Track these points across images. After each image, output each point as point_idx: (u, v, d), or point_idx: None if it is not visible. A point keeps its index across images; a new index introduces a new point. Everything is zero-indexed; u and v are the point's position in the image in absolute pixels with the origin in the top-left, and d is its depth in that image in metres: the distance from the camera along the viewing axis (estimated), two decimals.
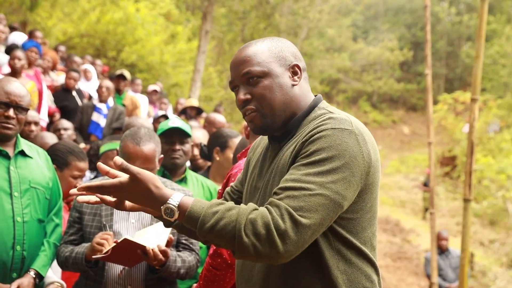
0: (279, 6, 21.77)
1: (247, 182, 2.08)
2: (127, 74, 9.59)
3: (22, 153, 3.02)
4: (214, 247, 2.56)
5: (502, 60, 26.50)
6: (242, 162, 2.70)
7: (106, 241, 2.78)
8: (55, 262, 3.14)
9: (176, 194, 1.71)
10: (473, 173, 5.12)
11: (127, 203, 1.89)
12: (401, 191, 21.20)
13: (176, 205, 1.69)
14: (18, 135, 3.04)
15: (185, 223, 1.69)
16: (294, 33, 23.91)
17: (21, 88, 2.97)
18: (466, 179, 5.12)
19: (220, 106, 13.75)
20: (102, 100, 7.88)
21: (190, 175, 3.89)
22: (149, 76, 17.55)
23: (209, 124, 5.88)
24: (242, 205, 1.69)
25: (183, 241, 3.09)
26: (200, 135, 4.78)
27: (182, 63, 19.47)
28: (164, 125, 3.77)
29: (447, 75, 35.00)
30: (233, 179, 2.62)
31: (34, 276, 2.91)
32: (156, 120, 7.51)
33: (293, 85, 1.92)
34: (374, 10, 37.63)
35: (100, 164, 1.74)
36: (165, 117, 7.66)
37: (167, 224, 1.77)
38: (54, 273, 3.21)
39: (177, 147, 3.73)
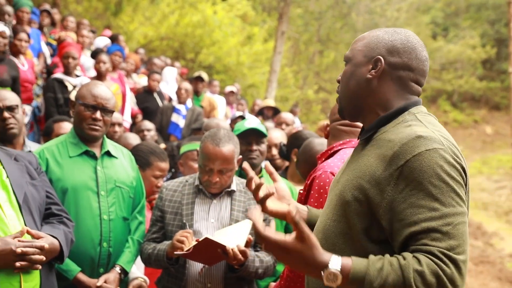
0: (356, 5, 21.53)
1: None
2: (204, 75, 9.77)
3: (108, 154, 3.16)
4: None
5: None
6: (326, 164, 2.66)
7: (186, 239, 2.85)
8: (138, 259, 3.26)
9: (334, 258, 1.64)
10: None
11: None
12: (483, 193, 20.44)
13: (339, 269, 1.62)
14: (104, 136, 3.18)
15: (349, 285, 1.63)
16: None
17: (107, 91, 3.12)
18: None
19: (296, 106, 13.74)
20: (181, 101, 8.07)
21: (266, 174, 3.92)
22: (226, 77, 17.79)
23: (278, 124, 5.90)
24: (402, 256, 1.63)
25: None
26: (278, 135, 4.80)
27: (258, 64, 19.60)
28: (241, 126, 3.82)
29: None
30: (317, 181, 2.60)
31: (119, 271, 3.05)
32: (234, 121, 7.63)
33: (368, 78, 1.87)
34: (455, 7, 36.40)
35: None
36: (242, 117, 7.76)
37: None
38: (137, 269, 3.33)
39: (254, 147, 3.77)
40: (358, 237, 1.76)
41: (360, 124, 2.73)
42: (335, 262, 1.63)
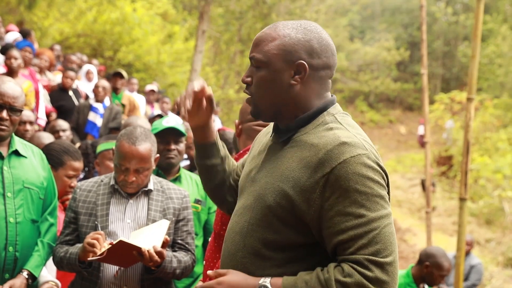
0: (276, 6, 21.75)
1: (247, 165, 2.04)
2: (124, 73, 9.58)
3: (16, 153, 3.00)
4: None
5: (498, 60, 26.49)
6: None
7: (97, 241, 2.76)
8: (50, 262, 3.13)
9: (263, 278, 1.75)
10: (469, 172, 5.13)
11: None
12: (398, 190, 21.20)
13: (268, 281, 1.72)
14: (13, 135, 3.02)
15: None
16: None
17: (15, 88, 2.95)
18: (462, 178, 5.13)
19: (217, 106, 13.76)
20: (98, 99, 7.87)
21: (184, 174, 3.89)
22: (146, 76, 17.52)
23: None
24: (326, 269, 1.69)
25: (179, 241, 3.09)
26: None
27: (179, 63, 19.45)
28: (158, 125, 3.76)
29: (444, 75, 35.02)
30: None
31: (26, 276, 2.89)
32: (152, 120, 7.51)
33: (292, 84, 1.81)
34: (371, 10, 37.60)
35: None
36: (161, 116, 7.66)
37: None
38: (49, 272, 3.20)
39: (172, 146, 3.73)
40: (283, 242, 1.77)
41: None
42: (266, 279, 1.72)
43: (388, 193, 1.78)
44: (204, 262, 2.75)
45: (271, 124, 2.08)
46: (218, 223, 2.65)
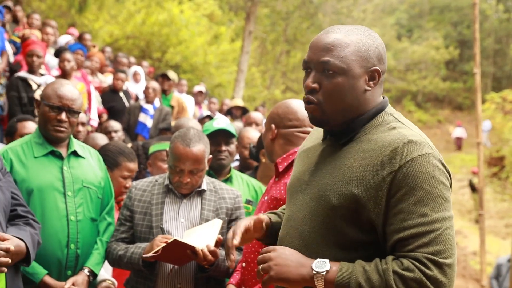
0: (323, 6, 21.68)
1: (296, 171, 2.03)
2: (170, 74, 9.70)
3: (75, 154, 3.09)
4: None
5: None
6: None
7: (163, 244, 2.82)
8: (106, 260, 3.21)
9: (319, 259, 1.75)
10: None
11: None
12: None
13: (326, 260, 1.73)
14: (71, 136, 3.11)
15: (338, 282, 1.69)
16: None
17: (74, 91, 3.04)
18: None
19: (263, 106, 13.80)
20: (148, 101, 8.00)
21: (235, 174, 3.91)
22: (193, 76, 17.70)
23: (248, 123, 5.90)
24: (385, 260, 1.68)
25: None
26: (254, 135, 4.76)
27: (226, 64, 19.57)
28: (209, 126, 3.80)
29: (495, 74, 34.13)
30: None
31: (88, 274, 2.98)
32: (201, 121, 7.59)
33: (366, 90, 1.81)
34: (419, 9, 36.97)
35: None
36: (210, 117, 7.73)
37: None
38: (105, 271, 3.28)
39: (223, 148, 3.76)
40: (346, 243, 1.76)
41: None
42: (322, 261, 1.72)
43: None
44: (245, 264, 2.76)
45: (317, 130, 2.07)
46: None
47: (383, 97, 1.90)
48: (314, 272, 1.70)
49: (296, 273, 1.73)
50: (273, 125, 2.81)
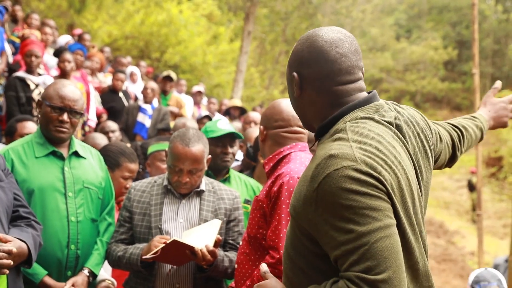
0: (322, 6, 21.69)
1: None
2: (173, 75, 9.73)
3: (76, 154, 3.10)
4: (278, 256, 2.53)
5: None
6: (290, 170, 2.64)
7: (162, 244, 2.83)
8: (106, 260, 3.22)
9: None
10: None
11: None
12: (445, 192, 20.84)
13: None
14: (72, 136, 3.12)
15: None
16: None
17: (75, 91, 3.05)
18: None
19: (261, 106, 13.82)
20: (147, 101, 8.02)
21: (233, 174, 3.93)
22: (191, 77, 17.71)
23: (246, 123, 5.92)
24: (324, 284, 1.65)
25: (230, 241, 3.13)
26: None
27: (224, 64, 19.58)
28: (215, 128, 3.80)
29: (493, 74, 34.15)
30: (285, 187, 2.58)
31: (88, 274, 3.00)
32: (199, 121, 7.60)
33: (297, 95, 1.83)
34: (418, 9, 37.00)
35: None
36: (208, 117, 7.74)
37: None
38: (105, 271, 3.29)
39: (230, 150, 3.78)
40: (304, 251, 1.74)
41: (304, 131, 2.80)
42: None
43: (403, 199, 1.68)
44: (236, 265, 2.78)
45: None
46: (254, 227, 2.67)
47: (355, 100, 1.79)
48: None
49: None
50: (261, 127, 2.83)
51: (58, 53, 7.50)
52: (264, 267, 1.83)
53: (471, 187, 16.64)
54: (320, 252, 1.68)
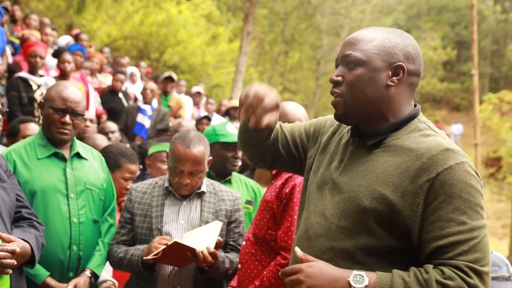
0: (321, 6, 21.71)
1: (315, 162, 2.03)
2: (174, 76, 9.74)
3: (78, 155, 3.10)
4: (289, 257, 2.55)
5: None
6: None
7: (163, 245, 2.84)
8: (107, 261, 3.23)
9: (356, 271, 1.72)
10: None
11: None
12: None
13: (363, 273, 1.70)
14: (74, 138, 3.12)
15: None
16: (335, 33, 23.82)
17: (77, 93, 3.05)
18: None
19: None
20: (146, 101, 8.03)
21: (234, 176, 3.93)
22: (191, 77, 17.71)
23: None
24: (424, 269, 1.68)
25: (231, 243, 3.14)
26: None
27: (224, 64, 19.58)
28: (227, 133, 3.80)
29: (492, 74, 34.20)
30: (298, 189, 2.59)
31: (90, 275, 3.00)
32: (199, 121, 7.60)
33: (388, 85, 1.82)
34: (417, 9, 37.03)
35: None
36: (208, 118, 7.74)
37: None
38: (106, 272, 3.30)
39: (239, 154, 3.79)
40: (376, 247, 1.76)
41: None
42: (359, 275, 1.70)
43: None
44: (240, 265, 2.78)
45: (330, 126, 2.08)
46: (263, 228, 2.68)
47: (415, 105, 1.91)
48: (352, 287, 1.69)
49: (330, 287, 1.71)
50: None
51: (57, 54, 7.51)
52: (299, 251, 1.83)
53: None
54: (397, 246, 1.75)
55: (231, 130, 3.79)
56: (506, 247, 11.03)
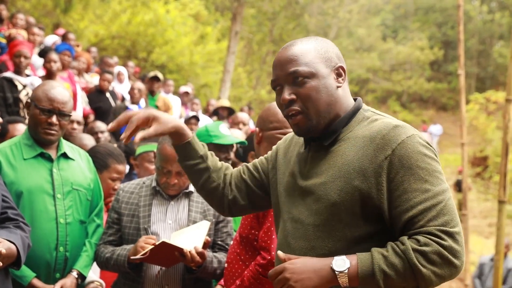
0: (309, 6, 21.76)
1: (279, 178, 2.08)
2: (160, 75, 9.70)
3: (65, 156, 3.08)
4: (269, 257, 2.54)
5: None
6: None
7: (149, 245, 2.83)
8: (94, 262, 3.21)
9: (336, 257, 1.76)
10: (508, 174, 5.06)
11: None
12: None
13: (343, 256, 1.74)
14: (61, 138, 3.10)
15: (361, 275, 1.71)
16: (323, 33, 23.90)
17: (64, 93, 3.02)
18: (500, 181, 5.06)
19: (249, 107, 13.84)
20: (134, 101, 8.00)
21: None
22: (179, 77, 17.68)
23: (235, 124, 5.93)
24: (400, 242, 1.73)
25: (219, 242, 3.13)
26: (239, 136, 4.77)
27: (212, 64, 19.57)
28: (221, 134, 3.78)
29: (479, 74, 34.46)
30: None
31: (76, 276, 2.98)
32: (187, 121, 7.59)
33: (338, 87, 1.92)
34: (404, 9, 37.20)
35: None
36: (196, 118, 7.74)
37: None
38: (93, 273, 3.28)
39: (231, 156, 3.78)
40: (352, 237, 1.81)
41: None
42: (340, 259, 1.74)
43: None
44: (226, 264, 2.79)
45: (284, 142, 2.17)
46: (247, 227, 2.69)
47: (355, 99, 2.00)
48: (336, 272, 1.73)
49: (317, 278, 1.75)
50: (257, 129, 2.85)
51: (43, 53, 7.46)
52: (281, 253, 1.86)
53: (460, 187, 16.75)
54: (372, 231, 1.81)
55: (224, 132, 3.78)
56: (492, 245, 11.09)
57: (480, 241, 14.29)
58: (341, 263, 1.73)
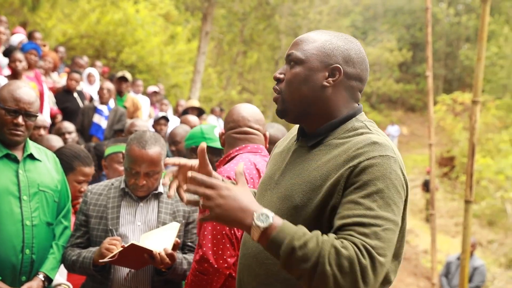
0: (279, 7, 21.81)
1: (268, 170, 2.07)
2: (128, 75, 9.60)
3: (31, 156, 3.03)
4: (201, 253, 2.58)
5: (500, 61, 26.50)
6: (222, 170, 2.73)
7: (115, 246, 2.80)
8: (61, 264, 3.16)
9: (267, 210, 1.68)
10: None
11: None
12: None
13: (271, 215, 1.65)
14: (27, 139, 3.04)
15: (272, 240, 1.63)
16: (293, 34, 23.95)
17: (30, 93, 2.97)
18: (467, 181, 5.13)
19: (220, 108, 13.82)
20: (103, 101, 7.90)
21: None
22: (149, 77, 17.55)
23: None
24: (326, 235, 1.66)
25: (189, 244, 3.12)
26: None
27: (182, 64, 19.48)
28: (215, 138, 3.76)
29: (446, 76, 35.02)
30: None
31: (43, 279, 2.93)
32: (157, 122, 7.53)
33: (324, 85, 1.86)
34: (373, 11, 37.61)
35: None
36: (165, 118, 7.68)
37: (253, 235, 1.66)
38: (60, 275, 3.23)
39: (215, 159, 3.76)
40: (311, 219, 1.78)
41: (256, 132, 2.86)
42: (266, 215, 1.65)
43: (405, 208, 1.78)
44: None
45: (293, 130, 2.14)
46: (198, 224, 2.75)
47: (358, 104, 1.95)
48: (253, 223, 1.64)
49: (236, 216, 1.65)
50: (222, 130, 2.90)
51: (8, 52, 7.32)
52: (240, 166, 1.77)
53: (428, 187, 16.99)
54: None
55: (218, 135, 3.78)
56: (458, 245, 11.28)
57: (447, 240, 14.52)
58: (264, 219, 1.64)
